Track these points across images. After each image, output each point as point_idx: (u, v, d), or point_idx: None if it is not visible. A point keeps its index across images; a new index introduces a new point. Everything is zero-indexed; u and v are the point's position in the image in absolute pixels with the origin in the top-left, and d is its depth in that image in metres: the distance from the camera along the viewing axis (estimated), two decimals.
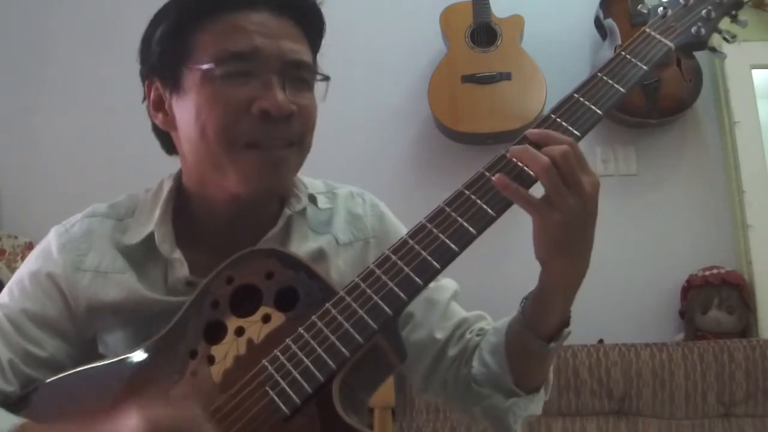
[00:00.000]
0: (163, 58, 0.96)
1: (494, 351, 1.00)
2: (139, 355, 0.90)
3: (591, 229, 0.86)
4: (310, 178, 1.10)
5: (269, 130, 0.92)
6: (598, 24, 2.73)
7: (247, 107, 0.91)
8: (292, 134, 0.95)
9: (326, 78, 0.99)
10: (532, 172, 0.83)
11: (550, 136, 0.85)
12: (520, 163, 0.85)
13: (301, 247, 1.01)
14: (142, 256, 1.00)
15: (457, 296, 1.11)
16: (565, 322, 0.94)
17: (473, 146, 2.68)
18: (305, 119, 0.96)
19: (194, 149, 0.96)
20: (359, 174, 2.60)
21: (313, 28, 1.01)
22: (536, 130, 0.86)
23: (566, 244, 0.85)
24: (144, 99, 1.01)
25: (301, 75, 0.96)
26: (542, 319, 0.93)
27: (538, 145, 0.85)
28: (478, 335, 1.06)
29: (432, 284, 0.98)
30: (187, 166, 1.01)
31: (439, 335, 1.06)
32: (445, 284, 1.09)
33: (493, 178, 0.84)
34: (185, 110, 0.95)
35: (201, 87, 0.92)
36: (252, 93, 0.92)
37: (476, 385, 1.01)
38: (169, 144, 1.04)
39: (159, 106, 0.99)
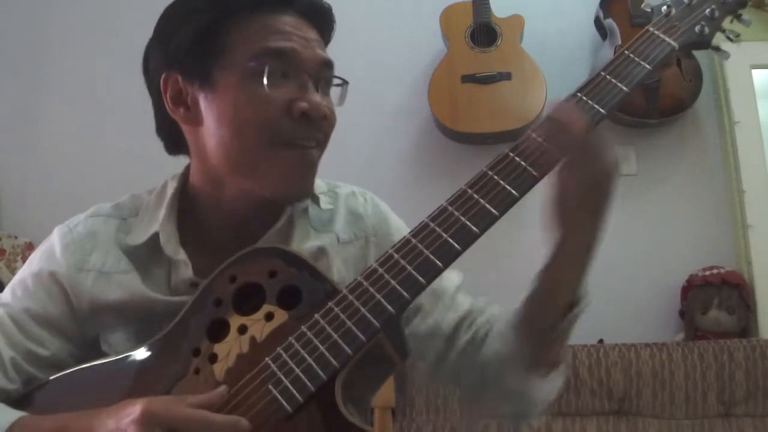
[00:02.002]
0: (192, 55, 0.95)
1: (508, 333, 0.99)
2: (142, 353, 0.90)
3: (611, 195, 0.87)
4: None
5: (307, 131, 0.94)
6: (598, 24, 2.73)
7: (287, 107, 0.93)
8: (321, 135, 0.97)
9: (345, 82, 1.02)
10: (535, 174, 0.85)
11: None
12: (522, 163, 0.86)
13: (303, 245, 1.01)
14: (146, 256, 1.00)
15: (462, 288, 1.11)
16: (580, 297, 0.95)
17: (473, 146, 2.68)
18: (331, 121, 0.99)
19: (225, 147, 0.95)
20: (359, 173, 2.60)
21: (327, 33, 1.03)
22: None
23: (589, 202, 0.86)
24: (155, 93, 1.00)
25: (329, 78, 0.99)
26: (556, 294, 0.93)
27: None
28: (488, 322, 1.06)
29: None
30: (203, 164, 1.00)
31: (447, 326, 1.06)
32: (451, 275, 1.09)
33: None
34: (218, 108, 0.94)
35: (240, 85, 0.93)
36: (291, 94, 0.93)
37: (492, 369, 1.00)
38: (174, 144, 1.04)
39: (180, 100, 0.98)
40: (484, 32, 2.66)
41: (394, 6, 2.93)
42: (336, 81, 1.02)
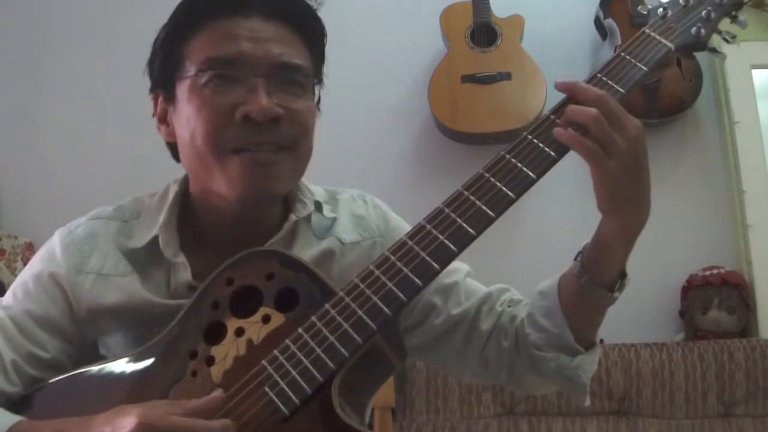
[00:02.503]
0: (161, 70, 0.98)
1: (548, 313, 0.99)
2: (140, 356, 0.90)
3: (645, 172, 0.88)
4: (312, 185, 1.10)
5: (254, 135, 0.92)
6: (598, 24, 2.73)
7: (231, 113, 0.91)
8: (282, 138, 0.94)
9: (318, 81, 1.00)
10: (532, 175, 0.85)
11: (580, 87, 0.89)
12: (519, 164, 0.86)
13: (305, 252, 1.01)
14: (145, 259, 1.00)
15: (471, 275, 1.11)
16: (623, 272, 0.96)
17: (473, 146, 2.68)
18: (296, 123, 0.95)
19: (187, 156, 0.97)
20: (359, 174, 2.61)
21: (311, 33, 1.00)
22: (561, 82, 0.90)
23: (625, 188, 0.87)
24: (153, 114, 1.03)
25: (293, 78, 0.96)
26: (603, 270, 0.94)
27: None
28: (509, 306, 1.06)
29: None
30: (188, 172, 1.02)
31: (465, 313, 1.05)
32: (457, 267, 1.09)
33: (554, 131, 0.86)
34: (178, 120, 0.96)
35: (189, 95, 0.93)
36: (236, 99, 0.92)
37: (538, 351, 0.99)
38: (177, 154, 1.05)
39: (163, 118, 1.01)
40: (484, 32, 2.66)
41: (394, 6, 2.93)
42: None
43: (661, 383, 2.25)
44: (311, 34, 1.00)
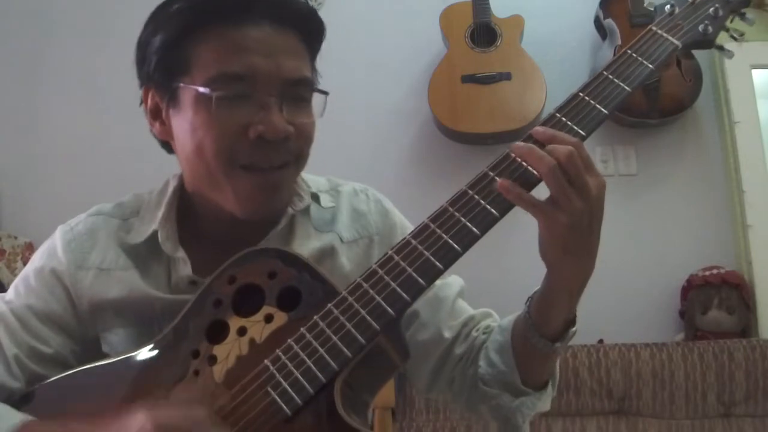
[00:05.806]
0: (159, 69, 0.94)
1: (501, 350, 0.99)
2: (142, 355, 0.90)
3: (597, 231, 0.84)
4: (314, 175, 1.10)
5: (266, 154, 0.92)
6: (598, 24, 2.73)
7: (243, 131, 0.91)
8: (289, 154, 0.94)
9: (324, 93, 0.98)
10: (536, 173, 0.83)
11: (556, 136, 0.84)
12: (524, 163, 0.84)
13: (304, 245, 1.01)
14: (145, 254, 1.00)
15: (463, 293, 1.10)
16: (571, 322, 0.93)
17: (473, 146, 2.68)
18: (303, 137, 0.96)
19: (191, 165, 0.96)
20: (359, 174, 2.58)
21: (313, 36, 0.99)
22: (542, 129, 0.85)
23: (573, 245, 0.84)
24: (141, 103, 1.01)
25: (300, 93, 0.95)
26: (547, 319, 0.92)
27: (542, 145, 0.83)
28: (484, 333, 1.05)
29: (438, 281, 0.97)
30: (186, 174, 1.01)
31: (447, 334, 1.05)
32: (451, 281, 1.09)
33: (497, 181, 0.83)
34: (181, 125, 0.94)
35: (196, 107, 0.91)
36: (249, 116, 0.91)
37: (483, 385, 1.00)
38: (168, 146, 1.04)
39: (156, 114, 0.98)
40: (484, 32, 2.66)
41: (394, 6, 2.93)
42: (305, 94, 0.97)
43: (661, 383, 2.25)
44: (316, 41, 1.00)
